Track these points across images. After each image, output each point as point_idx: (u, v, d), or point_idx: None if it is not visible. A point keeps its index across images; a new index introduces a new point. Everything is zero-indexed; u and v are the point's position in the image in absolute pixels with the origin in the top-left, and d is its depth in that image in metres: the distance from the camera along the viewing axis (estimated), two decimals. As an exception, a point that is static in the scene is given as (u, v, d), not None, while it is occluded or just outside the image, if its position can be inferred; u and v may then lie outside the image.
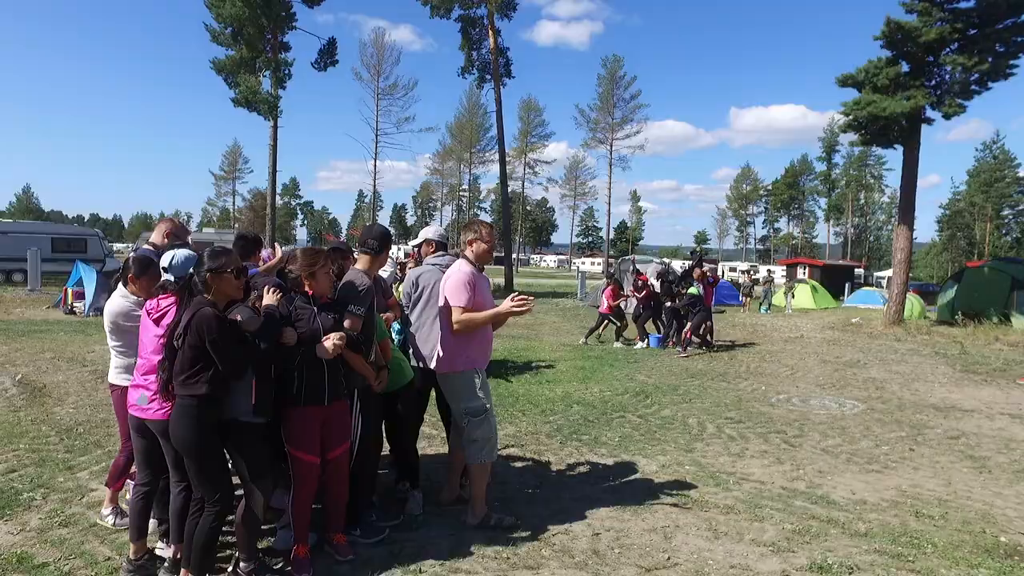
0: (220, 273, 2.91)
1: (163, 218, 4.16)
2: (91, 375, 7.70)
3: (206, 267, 2.89)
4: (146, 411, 3.01)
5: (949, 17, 15.19)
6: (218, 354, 2.75)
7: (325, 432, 3.13)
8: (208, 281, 2.89)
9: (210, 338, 2.73)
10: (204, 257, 2.94)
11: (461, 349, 3.65)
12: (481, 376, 3.71)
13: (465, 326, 3.55)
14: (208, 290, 2.90)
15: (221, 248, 3.07)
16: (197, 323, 2.74)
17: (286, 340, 2.92)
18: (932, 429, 6.64)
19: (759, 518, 4.16)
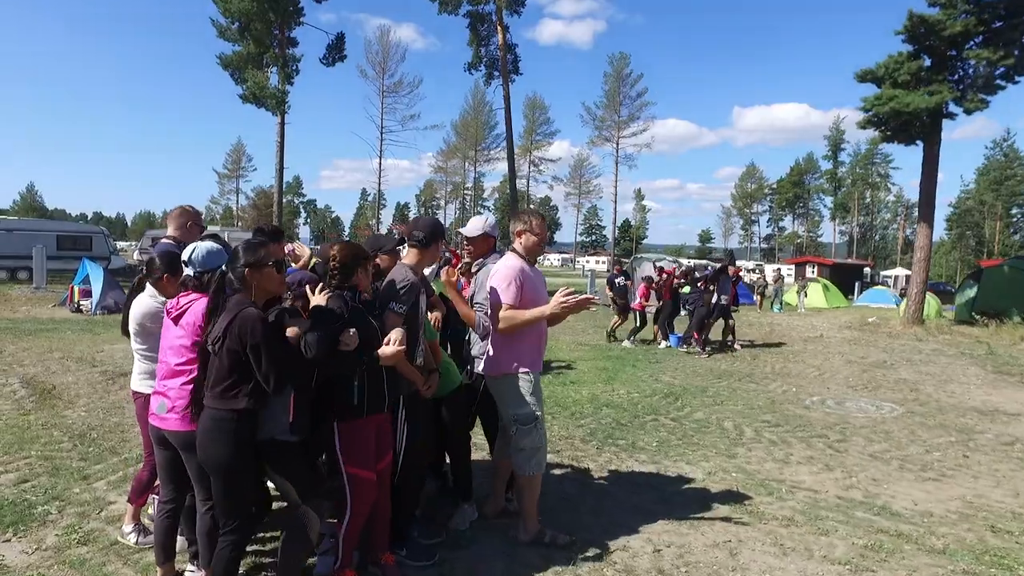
0: (260, 267, 2.61)
1: (177, 208, 3.77)
2: (101, 376, 7.42)
3: (243, 261, 2.60)
4: (166, 420, 2.71)
5: (974, 10, 14.83)
6: (261, 362, 2.44)
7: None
8: (247, 277, 2.59)
9: (252, 343, 2.43)
10: (239, 251, 2.64)
11: (510, 349, 3.36)
12: (534, 380, 3.41)
13: (509, 324, 3.25)
14: (247, 287, 2.60)
15: (258, 239, 2.79)
16: (240, 326, 2.43)
17: (346, 345, 2.61)
18: (982, 434, 6.34)
19: (823, 531, 3.87)
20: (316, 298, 2.69)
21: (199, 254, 2.81)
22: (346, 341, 2.60)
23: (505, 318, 3.25)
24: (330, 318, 2.61)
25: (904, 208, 72.66)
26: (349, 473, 2.72)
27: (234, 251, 2.68)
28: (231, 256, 2.68)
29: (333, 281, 2.77)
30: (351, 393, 2.71)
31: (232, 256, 2.67)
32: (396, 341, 2.72)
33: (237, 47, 23.25)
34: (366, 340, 2.68)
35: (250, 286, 2.61)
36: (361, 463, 2.72)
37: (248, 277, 2.60)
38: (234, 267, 2.62)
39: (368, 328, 2.74)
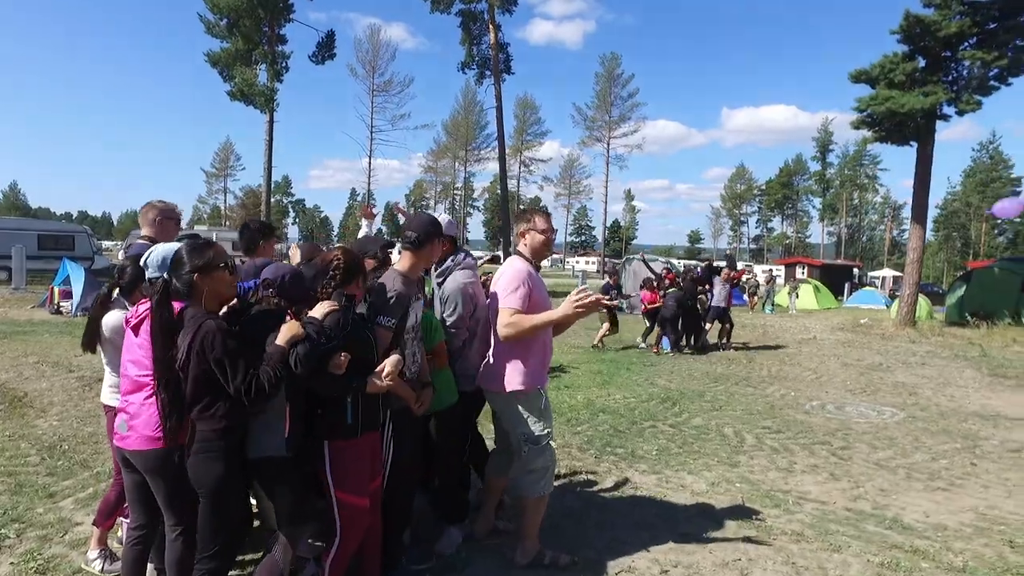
0: (211, 271, 2.37)
1: (145, 205, 3.46)
2: (78, 382, 7.12)
3: (190, 267, 2.35)
4: (126, 439, 2.46)
5: (968, 11, 14.80)
6: (229, 377, 2.22)
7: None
8: (196, 284, 2.35)
9: (215, 358, 2.22)
10: (184, 255, 2.38)
11: (515, 363, 3.11)
12: (543, 396, 3.18)
13: (517, 330, 3.00)
14: (196, 295, 2.35)
15: (203, 240, 2.52)
16: (201, 342, 2.21)
17: (336, 368, 2.38)
18: (987, 440, 6.20)
19: (835, 547, 3.69)
20: (317, 308, 2.45)
21: (156, 257, 2.50)
22: (336, 364, 2.37)
23: (512, 324, 3.00)
24: (326, 334, 2.37)
25: (891, 209, 73.21)
26: (340, 499, 2.47)
27: (176, 256, 2.40)
28: (174, 262, 2.40)
29: (332, 283, 2.53)
30: (344, 410, 2.46)
31: (175, 262, 2.40)
32: (389, 374, 2.48)
33: (225, 44, 22.85)
34: (363, 360, 2.44)
35: (200, 293, 2.36)
36: (354, 488, 2.48)
37: (198, 283, 2.36)
38: (179, 274, 2.36)
39: (367, 347, 2.50)
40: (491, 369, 3.20)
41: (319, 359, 2.34)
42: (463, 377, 3.37)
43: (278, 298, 2.55)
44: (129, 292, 2.85)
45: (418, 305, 2.94)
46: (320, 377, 2.39)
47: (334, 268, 2.56)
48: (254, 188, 77.30)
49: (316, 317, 2.42)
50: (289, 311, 2.53)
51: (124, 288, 2.88)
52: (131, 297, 2.84)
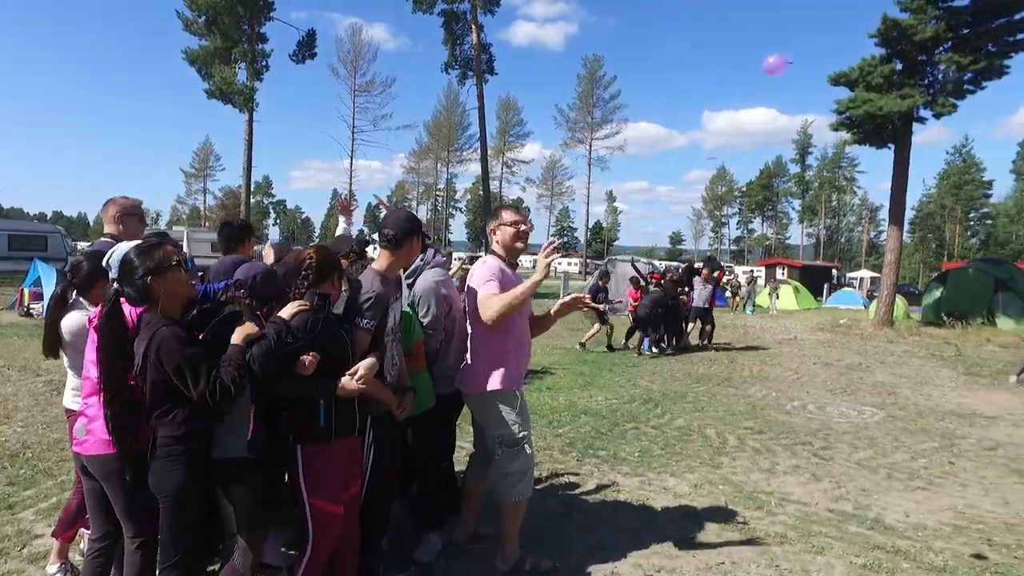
0: (164, 272, 2.27)
1: (108, 201, 3.27)
2: (45, 387, 6.91)
3: (142, 270, 2.24)
4: (83, 444, 2.36)
5: (943, 15, 15.06)
6: (189, 383, 2.14)
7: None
8: (151, 287, 2.24)
9: (173, 365, 2.13)
10: (133, 259, 2.26)
11: (490, 363, 3.05)
12: (520, 397, 3.11)
13: (497, 308, 2.86)
14: (153, 300, 2.26)
15: (151, 240, 2.39)
16: (156, 351, 2.13)
17: (304, 369, 2.30)
18: (964, 439, 6.26)
19: (818, 549, 3.67)
20: (286, 308, 2.36)
21: (117, 258, 2.39)
22: (304, 364, 2.28)
23: (487, 305, 2.90)
24: (289, 332, 2.28)
25: (869, 211, 74.36)
26: (312, 505, 2.38)
27: (124, 262, 2.27)
28: (123, 269, 2.27)
29: (305, 283, 2.44)
30: (317, 412, 2.37)
31: (124, 268, 2.27)
32: (362, 376, 2.40)
33: (204, 41, 22.51)
34: (336, 361, 2.36)
35: (157, 297, 2.26)
36: (327, 494, 2.39)
37: (153, 287, 2.25)
38: (132, 280, 2.25)
39: (340, 347, 2.42)
40: (468, 370, 3.14)
41: (282, 360, 2.26)
42: (440, 379, 3.29)
43: (249, 298, 2.46)
44: (85, 290, 2.73)
45: (397, 306, 2.85)
46: (286, 379, 2.31)
47: (306, 267, 2.48)
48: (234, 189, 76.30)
49: (283, 317, 2.34)
50: (259, 312, 2.45)
51: (79, 286, 2.75)
52: (89, 295, 2.72)
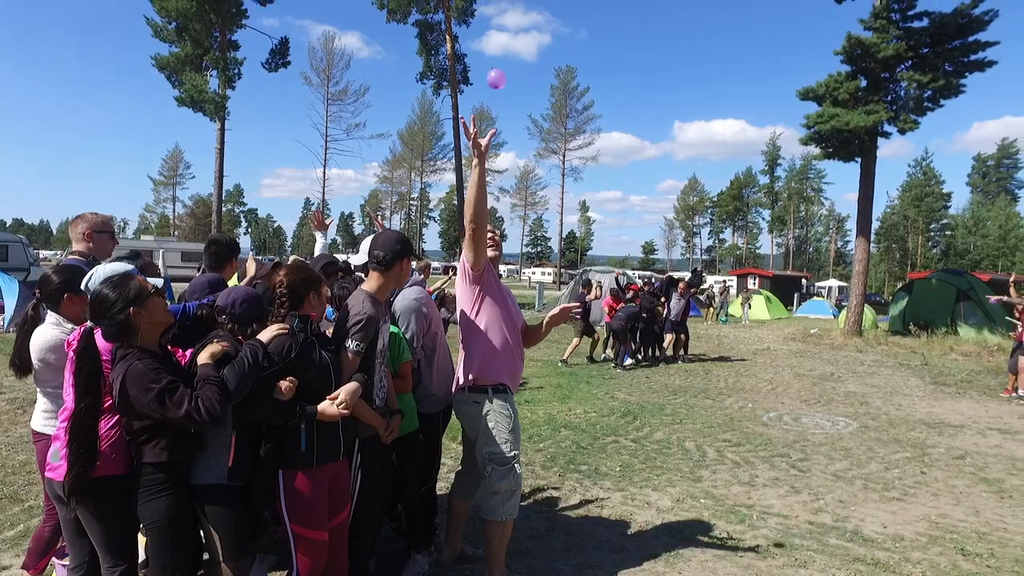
0: (145, 301, 2.22)
1: (76, 217, 3.20)
2: (8, 405, 6.65)
3: (122, 303, 2.18)
4: (56, 470, 2.28)
5: (904, 35, 15.59)
6: (169, 414, 2.10)
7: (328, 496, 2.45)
8: (133, 319, 2.19)
9: (147, 400, 2.09)
10: (108, 294, 2.20)
11: (486, 359, 3.05)
12: (511, 412, 3.10)
13: (468, 205, 2.84)
14: (134, 333, 2.21)
15: (121, 273, 2.31)
16: (131, 388, 2.10)
17: (281, 395, 2.25)
18: (934, 448, 6.42)
19: (801, 563, 3.72)
20: (265, 331, 2.31)
21: (96, 280, 2.35)
22: (281, 390, 2.24)
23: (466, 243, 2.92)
24: (266, 356, 2.23)
25: (835, 222, 76.24)
26: (295, 532, 2.32)
27: (98, 298, 2.20)
28: (100, 305, 2.20)
29: (281, 310, 2.39)
30: (298, 437, 2.32)
31: (100, 304, 2.19)
32: (343, 402, 2.35)
33: (174, 48, 22.11)
34: (317, 385, 2.32)
35: (138, 329, 2.21)
36: (310, 521, 2.33)
37: (135, 319, 2.19)
38: (112, 315, 2.18)
39: (320, 371, 2.37)
40: (461, 370, 3.15)
41: (255, 384, 2.21)
42: (423, 400, 3.27)
43: (232, 323, 2.42)
44: (56, 304, 2.65)
45: (385, 328, 2.82)
46: (262, 403, 2.26)
47: (279, 295, 2.43)
48: (204, 197, 74.97)
49: (261, 340, 2.30)
50: (240, 338, 2.40)
51: (48, 300, 2.66)
52: (60, 309, 2.64)
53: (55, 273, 2.67)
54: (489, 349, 3.06)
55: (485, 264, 3.05)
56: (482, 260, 3.00)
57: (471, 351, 3.09)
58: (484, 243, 2.97)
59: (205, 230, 68.51)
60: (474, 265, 3.01)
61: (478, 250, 2.95)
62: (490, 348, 3.06)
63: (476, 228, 2.88)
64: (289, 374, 2.28)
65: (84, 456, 2.12)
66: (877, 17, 15.81)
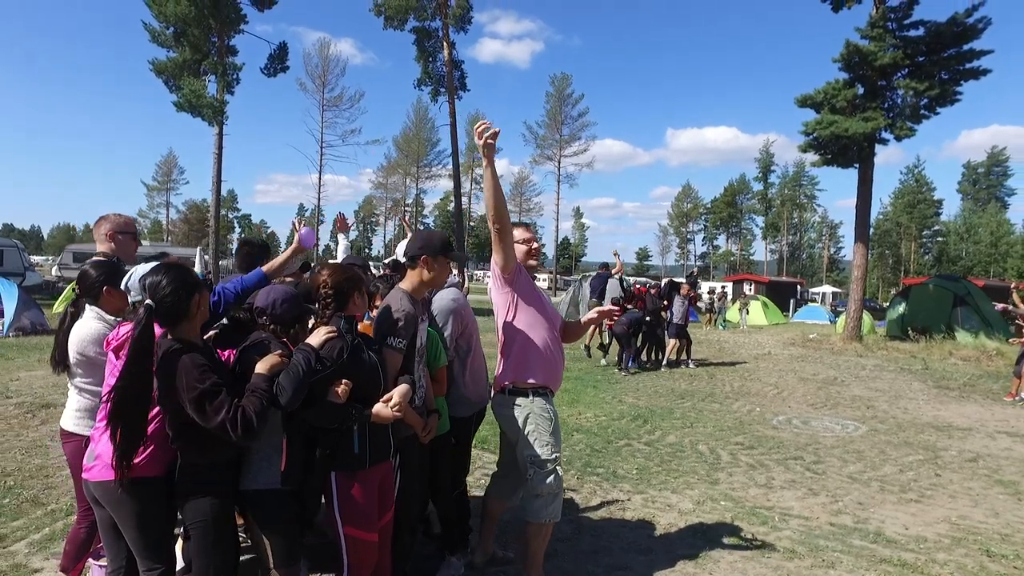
0: (202, 291, 2.24)
1: (99, 218, 3.22)
2: (17, 409, 6.57)
3: (186, 289, 2.18)
4: (90, 471, 2.27)
5: (900, 43, 15.76)
6: (206, 416, 2.07)
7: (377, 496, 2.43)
8: (191, 307, 2.19)
9: (193, 397, 2.06)
10: (174, 275, 2.20)
11: (526, 360, 3.04)
12: (552, 414, 3.09)
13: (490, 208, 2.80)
14: (190, 319, 2.22)
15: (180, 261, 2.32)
16: (179, 379, 2.07)
17: (336, 398, 2.23)
18: (946, 451, 6.45)
19: (829, 564, 3.73)
20: (314, 334, 2.29)
21: (136, 280, 2.38)
22: (335, 392, 2.22)
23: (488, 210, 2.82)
24: (319, 360, 2.22)
25: (829, 228, 76.71)
26: (347, 535, 2.30)
27: (170, 281, 2.19)
28: (167, 289, 2.18)
29: (327, 312, 2.38)
30: (351, 439, 2.30)
31: (167, 288, 2.18)
32: (397, 404, 2.34)
33: (172, 53, 22.04)
34: (368, 386, 2.30)
35: (192, 317, 2.23)
36: (362, 523, 2.31)
37: (193, 306, 2.21)
38: (174, 301, 2.17)
39: (371, 372, 2.36)
40: (500, 371, 3.14)
41: (312, 388, 2.20)
42: (455, 403, 3.26)
43: (272, 324, 2.40)
44: (96, 297, 2.64)
45: (423, 327, 2.81)
46: (318, 407, 2.24)
47: (324, 295, 2.42)
48: (198, 202, 74.64)
49: (312, 344, 2.27)
50: (284, 338, 2.38)
51: (90, 294, 2.65)
52: (99, 302, 2.64)
53: (94, 267, 2.67)
54: (530, 351, 3.04)
55: (516, 266, 3.04)
56: (512, 261, 2.98)
57: (511, 354, 3.08)
58: (511, 243, 2.94)
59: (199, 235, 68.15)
60: (504, 267, 2.98)
61: (506, 251, 2.91)
62: (531, 350, 3.04)
63: (500, 228, 2.84)
64: (341, 376, 2.26)
65: (131, 440, 2.09)
66: (874, 26, 15.98)
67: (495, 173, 2.78)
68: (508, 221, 2.86)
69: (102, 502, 2.29)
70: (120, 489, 2.18)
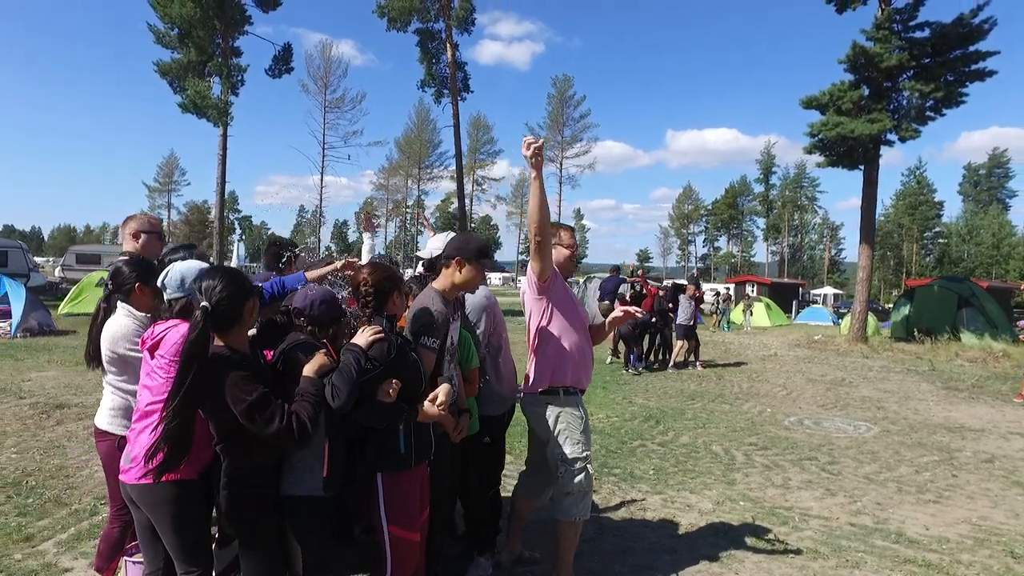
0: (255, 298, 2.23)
1: (127, 218, 3.28)
2: (31, 409, 6.57)
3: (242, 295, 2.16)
4: (128, 473, 2.24)
5: (906, 45, 15.78)
6: (261, 427, 2.06)
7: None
8: (244, 313, 2.18)
9: (243, 410, 2.04)
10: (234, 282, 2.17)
11: (547, 362, 3.08)
12: (583, 413, 3.11)
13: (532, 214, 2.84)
14: (241, 326, 2.20)
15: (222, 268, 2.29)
16: (226, 391, 2.05)
17: (387, 397, 2.23)
18: (960, 452, 6.45)
19: (854, 564, 3.72)
20: (360, 335, 2.28)
21: (175, 277, 2.35)
22: (386, 391, 2.21)
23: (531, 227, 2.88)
24: (368, 360, 2.21)
25: (830, 230, 76.74)
26: (392, 535, 2.29)
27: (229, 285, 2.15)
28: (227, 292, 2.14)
29: (367, 311, 2.37)
30: (397, 439, 2.30)
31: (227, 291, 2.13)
32: (443, 402, 2.35)
33: (177, 54, 22.08)
34: (413, 385, 2.30)
35: (245, 323, 2.20)
36: (406, 522, 2.31)
37: (247, 313, 2.18)
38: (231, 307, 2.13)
39: (415, 371, 2.36)
40: (530, 374, 3.17)
41: (362, 388, 2.19)
42: (487, 402, 3.27)
43: (310, 326, 2.38)
44: (128, 294, 2.65)
45: (455, 326, 2.82)
46: (368, 407, 2.23)
47: (365, 294, 2.41)
48: (199, 204, 74.77)
49: (360, 345, 2.26)
50: (324, 340, 2.36)
51: (121, 290, 2.65)
52: (130, 299, 2.64)
53: (127, 265, 2.68)
54: (563, 355, 3.09)
55: (552, 273, 3.08)
56: (548, 270, 3.03)
57: (544, 355, 3.11)
58: (550, 254, 3.00)
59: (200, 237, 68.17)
60: (540, 275, 3.04)
61: (544, 261, 2.98)
62: (563, 354, 3.09)
63: (541, 240, 2.90)
64: (389, 375, 2.25)
65: (180, 447, 2.05)
66: (880, 27, 16.00)
67: (543, 186, 2.82)
68: (549, 233, 2.92)
69: (140, 504, 2.28)
70: (158, 491, 2.17)
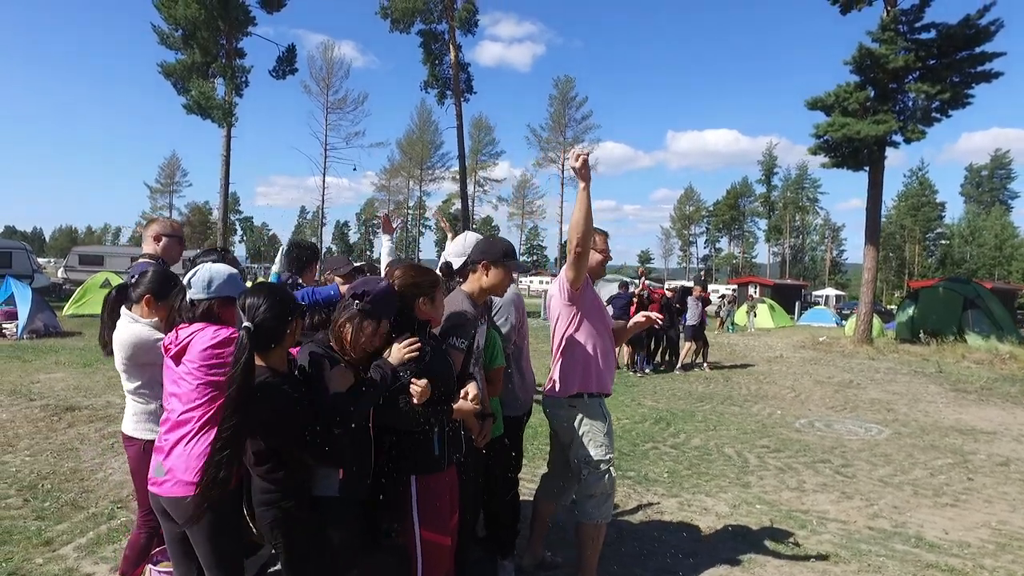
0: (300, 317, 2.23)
1: (149, 221, 3.33)
2: (42, 411, 6.56)
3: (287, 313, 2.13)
4: (162, 486, 2.18)
5: (912, 47, 15.76)
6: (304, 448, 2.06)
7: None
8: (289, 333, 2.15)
9: (284, 436, 2.06)
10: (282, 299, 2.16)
11: (572, 367, 3.09)
12: (606, 415, 3.12)
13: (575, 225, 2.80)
14: (282, 346, 2.16)
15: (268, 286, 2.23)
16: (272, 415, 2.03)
17: (416, 398, 2.19)
18: (975, 455, 6.42)
19: (875, 568, 3.70)
20: (393, 351, 2.23)
21: (202, 278, 2.29)
22: (415, 392, 2.18)
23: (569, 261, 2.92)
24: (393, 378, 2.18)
25: (831, 231, 76.69)
26: (424, 539, 2.27)
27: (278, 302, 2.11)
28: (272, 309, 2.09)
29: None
30: (431, 441, 2.28)
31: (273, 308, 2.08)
32: (476, 397, 2.36)
33: (181, 55, 22.10)
34: (447, 386, 2.28)
35: (286, 343, 2.18)
36: (438, 526, 2.29)
37: (290, 333, 2.17)
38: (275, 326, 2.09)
39: (447, 372, 2.35)
40: (555, 378, 3.17)
41: (389, 397, 2.17)
42: (507, 403, 3.25)
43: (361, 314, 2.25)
44: (138, 299, 2.63)
45: (482, 330, 2.80)
46: (395, 412, 2.20)
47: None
48: (200, 205, 74.83)
49: (391, 364, 2.21)
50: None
51: (136, 294, 2.64)
52: (142, 311, 2.62)
53: (154, 274, 2.66)
54: (589, 359, 3.10)
55: (584, 282, 3.09)
56: (582, 279, 3.05)
57: (571, 359, 3.11)
58: (586, 265, 3.01)
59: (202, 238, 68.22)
60: (573, 283, 3.04)
61: (580, 270, 2.99)
62: (590, 358, 3.10)
63: (582, 251, 2.90)
64: (423, 377, 2.23)
65: (228, 467, 2.00)
66: (885, 29, 15.99)
67: (589, 197, 2.78)
68: (589, 246, 2.91)
69: (174, 516, 2.23)
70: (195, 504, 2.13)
